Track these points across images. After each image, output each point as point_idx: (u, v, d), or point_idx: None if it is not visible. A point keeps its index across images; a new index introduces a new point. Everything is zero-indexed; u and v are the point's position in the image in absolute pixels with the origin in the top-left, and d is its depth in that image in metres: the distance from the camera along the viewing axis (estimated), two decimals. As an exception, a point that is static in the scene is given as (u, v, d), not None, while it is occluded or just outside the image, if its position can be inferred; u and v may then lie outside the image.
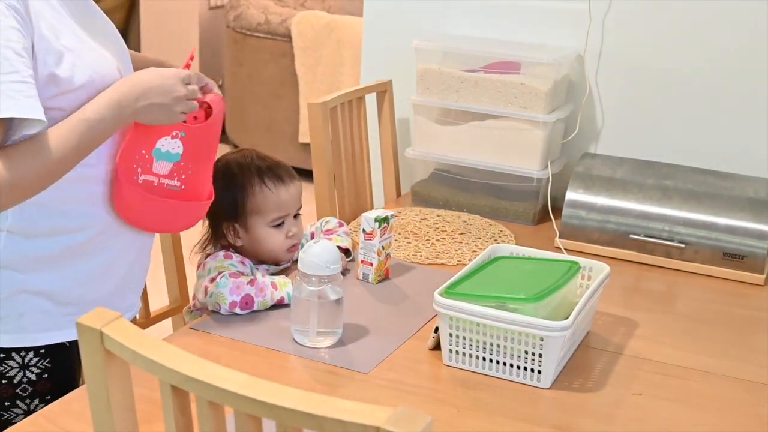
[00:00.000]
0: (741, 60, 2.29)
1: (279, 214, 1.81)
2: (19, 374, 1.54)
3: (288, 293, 1.70)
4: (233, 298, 1.67)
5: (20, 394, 1.54)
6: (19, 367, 1.54)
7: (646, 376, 1.59)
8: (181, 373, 0.93)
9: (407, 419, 0.84)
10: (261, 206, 1.80)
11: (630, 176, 2.21)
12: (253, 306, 1.69)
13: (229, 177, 1.81)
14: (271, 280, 1.71)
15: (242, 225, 1.80)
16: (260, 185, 1.80)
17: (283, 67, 4.73)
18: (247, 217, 1.79)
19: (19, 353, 1.53)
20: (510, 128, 2.34)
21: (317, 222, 2.03)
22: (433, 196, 2.46)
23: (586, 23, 2.39)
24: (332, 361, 1.56)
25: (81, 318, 1.00)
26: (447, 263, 2.04)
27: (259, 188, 1.80)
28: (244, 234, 1.81)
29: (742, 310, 1.92)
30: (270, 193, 1.80)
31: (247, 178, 1.80)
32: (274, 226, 1.81)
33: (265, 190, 1.80)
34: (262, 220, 1.80)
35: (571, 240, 2.19)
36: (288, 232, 1.82)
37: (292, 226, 1.84)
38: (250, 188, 1.80)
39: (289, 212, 1.83)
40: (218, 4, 5.55)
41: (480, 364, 1.55)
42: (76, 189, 1.50)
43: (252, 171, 1.81)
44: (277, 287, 1.71)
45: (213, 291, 1.68)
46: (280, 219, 1.81)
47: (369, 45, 2.71)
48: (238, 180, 1.81)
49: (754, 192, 2.12)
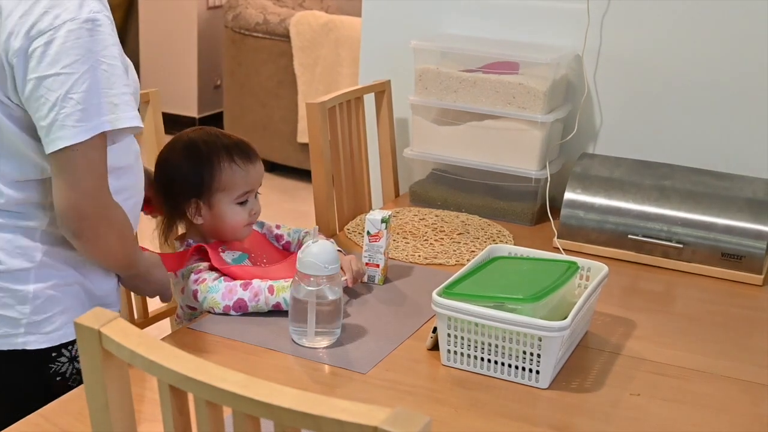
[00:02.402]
0: (739, 60, 2.29)
1: (245, 190, 1.80)
2: (69, 367, 1.57)
3: (285, 299, 1.67)
4: (226, 303, 1.68)
5: (72, 386, 1.56)
6: (69, 360, 1.56)
7: (644, 376, 1.59)
8: (180, 373, 0.93)
9: (405, 419, 0.84)
10: (229, 183, 1.79)
11: (628, 176, 2.21)
12: (247, 309, 1.69)
13: (195, 154, 1.79)
14: (269, 284, 1.70)
15: (206, 202, 1.78)
16: (229, 162, 1.79)
17: (282, 67, 4.73)
18: (213, 194, 1.78)
19: (67, 347, 1.56)
20: (508, 128, 2.34)
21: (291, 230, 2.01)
22: (431, 196, 2.46)
23: (585, 23, 2.39)
24: (330, 361, 1.56)
25: (79, 318, 1.00)
26: (445, 263, 2.04)
27: (227, 165, 1.79)
28: (206, 211, 1.79)
29: (740, 310, 1.92)
30: (239, 170, 1.79)
31: (216, 155, 1.79)
32: (239, 204, 1.81)
33: (234, 167, 1.79)
34: (228, 197, 1.79)
35: (570, 240, 2.19)
36: (251, 210, 1.82)
37: (255, 204, 1.84)
38: (218, 165, 1.78)
39: (254, 189, 1.84)
40: (217, 4, 5.55)
41: (478, 364, 1.55)
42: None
43: (220, 148, 1.80)
44: (274, 291, 1.69)
45: (206, 296, 1.69)
46: (246, 196, 1.81)
47: (367, 45, 2.71)
48: (205, 157, 1.79)
49: (752, 192, 2.12)
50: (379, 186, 2.60)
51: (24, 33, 1.39)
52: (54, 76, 1.39)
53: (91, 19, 1.41)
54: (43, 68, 1.39)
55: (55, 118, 1.40)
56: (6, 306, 1.51)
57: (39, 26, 1.39)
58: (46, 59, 1.39)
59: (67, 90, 1.39)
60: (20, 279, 1.52)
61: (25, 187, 1.50)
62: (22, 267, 1.51)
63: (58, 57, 1.39)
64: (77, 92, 1.40)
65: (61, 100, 1.39)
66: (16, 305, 1.51)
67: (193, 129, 1.89)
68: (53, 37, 1.39)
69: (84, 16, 1.40)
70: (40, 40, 1.39)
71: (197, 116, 5.60)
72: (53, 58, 1.39)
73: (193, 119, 5.60)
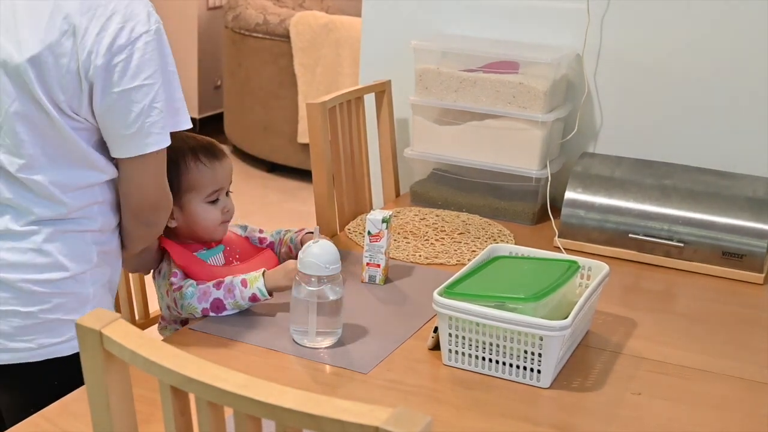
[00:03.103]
0: (740, 59, 2.29)
1: (214, 188, 1.81)
2: None
3: (259, 288, 1.68)
4: (203, 306, 1.69)
5: None
6: None
7: (646, 375, 1.59)
8: (181, 373, 0.93)
9: (406, 419, 0.84)
10: (197, 182, 1.79)
11: (629, 175, 2.21)
12: (225, 308, 1.69)
13: None
14: (241, 278, 1.70)
15: (177, 203, 1.77)
16: (195, 161, 1.79)
17: (282, 68, 4.73)
18: (183, 194, 1.78)
19: None
20: (509, 128, 2.34)
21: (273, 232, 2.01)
22: (432, 196, 2.46)
23: (585, 23, 2.39)
24: (331, 361, 1.56)
25: (80, 319, 1.01)
26: (446, 263, 2.04)
27: (194, 164, 1.79)
28: (178, 213, 1.79)
29: (742, 309, 1.92)
30: (205, 169, 1.80)
31: (181, 156, 1.79)
32: (210, 203, 1.81)
33: (200, 165, 1.80)
34: (198, 197, 1.79)
35: (570, 239, 2.19)
36: (223, 208, 1.83)
37: (227, 202, 1.84)
38: (185, 165, 1.79)
39: (224, 187, 1.84)
40: (217, 5, 5.55)
41: (479, 364, 1.55)
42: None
43: (185, 149, 1.80)
44: (248, 284, 1.69)
45: (182, 303, 1.70)
46: (216, 195, 1.81)
47: (368, 45, 2.71)
48: (172, 158, 1.79)
49: (753, 191, 2.12)
50: (379, 186, 2.60)
51: (105, 50, 1.45)
52: (138, 87, 1.47)
53: (159, 29, 1.51)
54: (127, 81, 1.47)
55: (141, 126, 1.49)
56: (72, 310, 1.55)
57: (119, 42, 1.45)
58: (128, 73, 1.46)
59: (151, 99, 1.49)
60: (81, 282, 1.57)
61: (83, 194, 1.55)
62: (83, 270, 1.57)
63: (139, 69, 1.47)
64: (160, 101, 1.50)
65: (147, 109, 1.49)
66: (79, 308, 1.56)
67: None
68: (132, 50, 1.46)
69: (154, 27, 1.49)
70: (121, 55, 1.46)
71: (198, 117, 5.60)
72: (135, 71, 1.47)
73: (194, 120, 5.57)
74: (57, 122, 1.48)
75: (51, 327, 1.54)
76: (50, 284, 1.53)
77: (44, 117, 1.48)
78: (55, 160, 1.51)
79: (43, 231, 1.53)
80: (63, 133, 1.49)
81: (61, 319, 1.55)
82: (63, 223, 1.54)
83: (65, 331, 1.55)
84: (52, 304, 1.54)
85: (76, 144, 1.51)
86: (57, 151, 1.51)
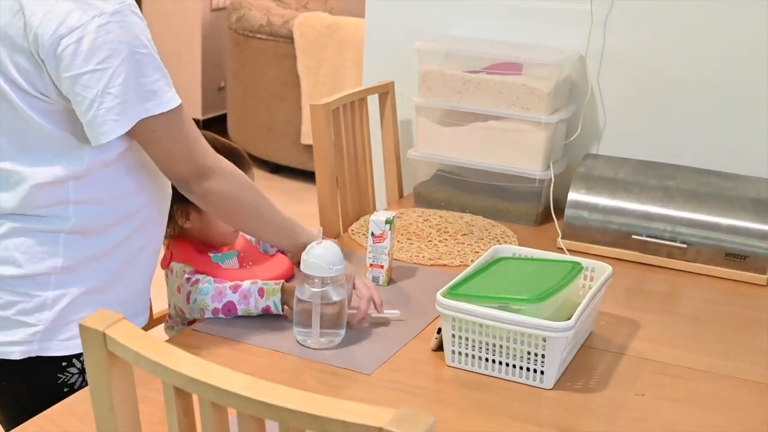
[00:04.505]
0: (743, 60, 2.29)
1: None
2: (79, 380, 1.53)
3: (275, 302, 1.66)
4: (215, 305, 1.67)
5: None
6: (79, 372, 1.53)
7: (649, 376, 1.59)
8: (184, 374, 0.94)
9: (410, 420, 0.84)
10: None
11: (632, 177, 2.21)
12: (236, 312, 1.68)
13: None
14: (260, 286, 1.68)
15: (195, 207, 1.75)
16: None
17: (286, 69, 4.74)
18: None
19: (78, 358, 1.52)
20: (512, 129, 2.34)
21: None
22: (435, 197, 2.46)
23: (588, 24, 2.39)
24: (335, 362, 1.56)
25: (84, 320, 1.01)
26: (449, 264, 2.04)
27: None
28: (196, 216, 1.78)
29: (745, 311, 1.92)
30: None
31: None
32: None
33: None
34: None
35: (574, 240, 2.19)
36: None
37: None
38: None
39: None
40: (220, 6, 5.55)
41: (483, 365, 1.55)
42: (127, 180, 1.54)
43: None
44: (264, 294, 1.67)
45: (196, 297, 1.68)
46: None
47: (371, 46, 2.71)
48: None
49: (757, 192, 2.12)
50: (383, 187, 2.60)
51: (52, 32, 1.36)
52: (90, 73, 1.38)
53: (118, 10, 1.39)
54: (78, 66, 1.37)
55: (96, 113, 1.39)
56: (23, 312, 1.49)
57: (68, 23, 1.37)
58: (79, 57, 1.37)
59: (104, 85, 1.38)
60: (40, 285, 1.49)
61: (52, 190, 1.46)
62: (42, 272, 1.49)
63: (91, 54, 1.37)
64: (114, 86, 1.39)
65: (99, 96, 1.38)
66: (34, 312, 1.49)
67: None
68: (83, 33, 1.37)
69: (111, 9, 1.39)
70: (70, 38, 1.36)
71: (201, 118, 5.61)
72: (86, 55, 1.37)
73: (198, 121, 5.60)
74: (20, 107, 1.42)
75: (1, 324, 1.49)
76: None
77: (6, 102, 1.42)
78: (26, 150, 1.45)
79: (5, 224, 1.48)
80: (27, 118, 1.43)
81: (12, 319, 1.48)
82: (28, 220, 1.48)
83: (18, 332, 1.49)
84: (2, 300, 1.48)
85: (45, 131, 1.44)
86: (25, 139, 1.45)
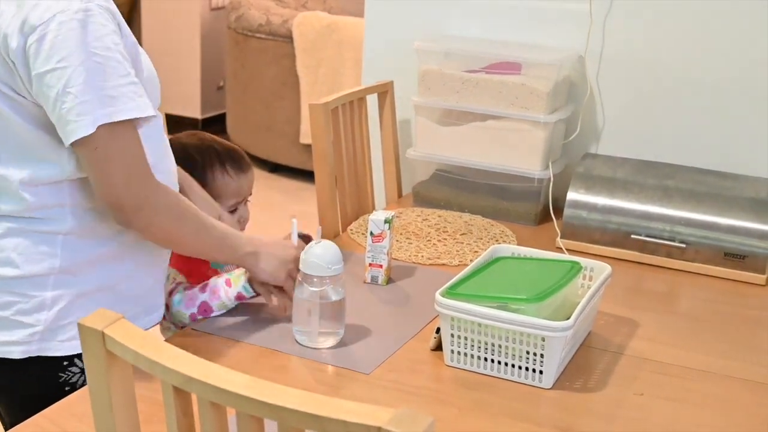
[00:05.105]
0: (743, 60, 2.29)
1: (237, 199, 1.82)
2: (81, 379, 1.53)
3: (244, 287, 1.66)
4: (191, 311, 1.67)
5: None
6: (81, 371, 1.52)
7: (648, 376, 1.59)
8: (183, 373, 0.94)
9: (409, 420, 0.84)
10: (221, 192, 1.79)
11: (631, 176, 2.21)
12: (213, 310, 1.68)
13: (189, 162, 1.79)
14: (225, 278, 1.68)
15: None
16: (222, 172, 1.80)
17: (285, 68, 4.74)
18: None
19: (80, 358, 1.51)
20: (511, 129, 2.34)
21: None
22: (434, 197, 2.46)
23: (587, 24, 2.39)
24: (334, 361, 1.56)
25: (82, 319, 1.01)
26: (448, 264, 2.04)
27: (220, 175, 1.80)
28: None
29: (744, 310, 1.92)
30: (231, 181, 1.81)
31: (209, 165, 1.80)
32: (229, 212, 1.81)
33: (227, 177, 1.80)
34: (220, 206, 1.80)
35: (573, 240, 2.19)
36: (240, 218, 1.83)
37: (243, 212, 1.85)
38: (212, 174, 1.79)
39: (245, 198, 1.85)
40: (219, 5, 5.55)
41: (481, 365, 1.55)
42: None
43: (213, 157, 1.81)
44: (232, 284, 1.67)
45: (173, 311, 1.68)
46: (236, 205, 1.82)
47: (370, 46, 2.71)
48: (198, 166, 1.79)
49: (755, 192, 2.12)
50: (382, 187, 2.60)
51: (18, 30, 1.36)
52: (51, 71, 1.36)
53: (83, 9, 1.37)
54: (40, 64, 1.36)
55: (60, 114, 1.37)
56: (22, 312, 1.48)
57: (30, 22, 1.35)
58: (41, 55, 1.35)
59: (64, 84, 1.35)
60: (38, 285, 1.49)
61: (47, 191, 1.46)
62: (40, 273, 1.48)
63: (52, 52, 1.35)
64: (75, 85, 1.35)
65: (61, 95, 1.36)
66: (32, 312, 1.48)
67: (187, 134, 1.89)
68: (45, 31, 1.35)
69: (75, 7, 1.36)
70: (33, 36, 1.35)
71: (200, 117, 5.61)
72: (48, 54, 1.35)
73: (197, 120, 5.60)
74: (5, 111, 1.41)
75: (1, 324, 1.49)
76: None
77: None
78: (13, 152, 1.45)
79: (2, 225, 1.47)
80: (15, 122, 1.42)
81: (11, 319, 1.48)
82: (25, 221, 1.47)
83: (17, 332, 1.48)
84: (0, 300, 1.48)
85: (27, 132, 1.43)
86: (13, 142, 1.44)
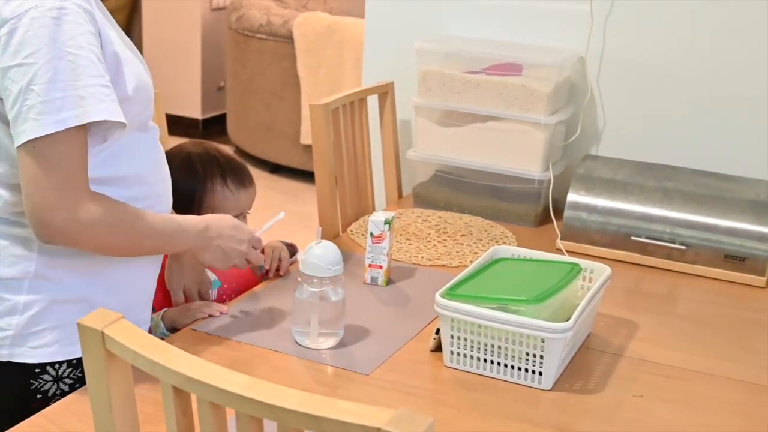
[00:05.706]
0: (742, 62, 2.29)
1: (234, 214, 1.80)
2: (53, 387, 1.51)
3: (162, 333, 1.67)
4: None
5: None
6: (53, 380, 1.50)
7: (647, 377, 1.59)
8: (183, 374, 0.94)
9: (408, 421, 0.84)
10: (220, 207, 1.80)
11: (631, 178, 2.21)
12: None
13: (191, 171, 1.80)
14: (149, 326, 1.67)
15: None
16: (222, 185, 1.81)
17: (285, 69, 4.74)
18: (202, 212, 1.77)
19: (53, 366, 1.49)
20: (511, 130, 2.34)
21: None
22: (434, 198, 2.46)
23: (588, 25, 2.39)
24: (333, 362, 1.56)
25: (82, 319, 1.01)
26: (448, 265, 2.04)
27: (221, 188, 1.81)
28: None
29: (744, 312, 1.92)
30: (230, 195, 1.82)
31: (210, 177, 1.80)
32: None
33: (227, 191, 1.81)
34: None
35: (573, 242, 2.19)
36: None
37: None
38: (212, 187, 1.80)
39: (244, 212, 1.85)
40: (220, 6, 5.55)
41: (481, 366, 1.55)
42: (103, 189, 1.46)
43: (215, 170, 1.81)
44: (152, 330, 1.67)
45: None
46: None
47: (371, 46, 2.71)
48: (199, 176, 1.80)
49: (756, 194, 2.12)
50: (382, 187, 2.60)
51: None
52: (16, 66, 1.33)
53: (57, 6, 1.34)
54: (6, 58, 1.33)
55: (19, 110, 1.33)
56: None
57: (3, 14, 1.34)
58: (9, 49, 1.33)
59: (28, 81, 1.32)
60: (12, 288, 1.46)
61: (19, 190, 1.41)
62: (14, 276, 1.45)
63: (20, 46, 1.32)
64: (39, 83, 1.32)
65: (23, 92, 1.32)
66: (4, 315, 1.46)
67: (193, 143, 1.89)
68: (16, 25, 1.33)
69: (49, 4, 1.33)
70: (4, 29, 1.33)
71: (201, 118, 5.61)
72: (16, 48, 1.33)
73: (197, 121, 5.60)
74: None
75: None
76: None
77: None
78: None
79: None
80: None
81: None
82: (2, 222, 1.45)
83: None
84: None
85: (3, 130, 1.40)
86: None
